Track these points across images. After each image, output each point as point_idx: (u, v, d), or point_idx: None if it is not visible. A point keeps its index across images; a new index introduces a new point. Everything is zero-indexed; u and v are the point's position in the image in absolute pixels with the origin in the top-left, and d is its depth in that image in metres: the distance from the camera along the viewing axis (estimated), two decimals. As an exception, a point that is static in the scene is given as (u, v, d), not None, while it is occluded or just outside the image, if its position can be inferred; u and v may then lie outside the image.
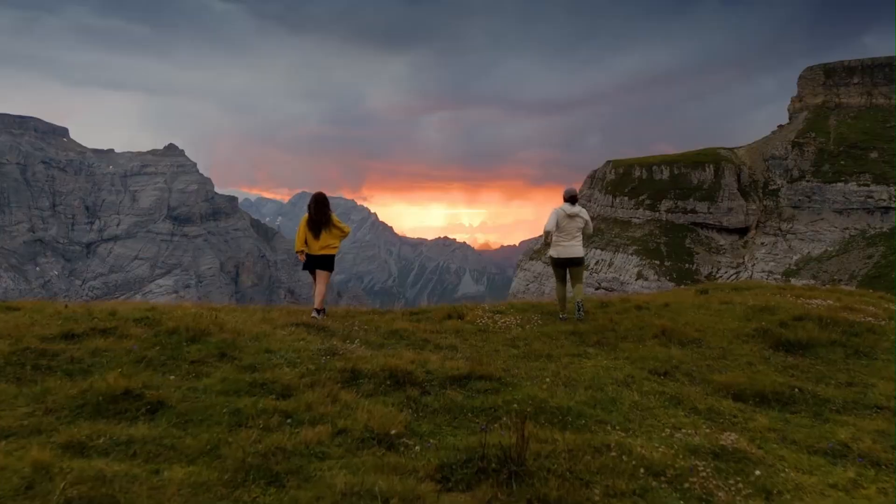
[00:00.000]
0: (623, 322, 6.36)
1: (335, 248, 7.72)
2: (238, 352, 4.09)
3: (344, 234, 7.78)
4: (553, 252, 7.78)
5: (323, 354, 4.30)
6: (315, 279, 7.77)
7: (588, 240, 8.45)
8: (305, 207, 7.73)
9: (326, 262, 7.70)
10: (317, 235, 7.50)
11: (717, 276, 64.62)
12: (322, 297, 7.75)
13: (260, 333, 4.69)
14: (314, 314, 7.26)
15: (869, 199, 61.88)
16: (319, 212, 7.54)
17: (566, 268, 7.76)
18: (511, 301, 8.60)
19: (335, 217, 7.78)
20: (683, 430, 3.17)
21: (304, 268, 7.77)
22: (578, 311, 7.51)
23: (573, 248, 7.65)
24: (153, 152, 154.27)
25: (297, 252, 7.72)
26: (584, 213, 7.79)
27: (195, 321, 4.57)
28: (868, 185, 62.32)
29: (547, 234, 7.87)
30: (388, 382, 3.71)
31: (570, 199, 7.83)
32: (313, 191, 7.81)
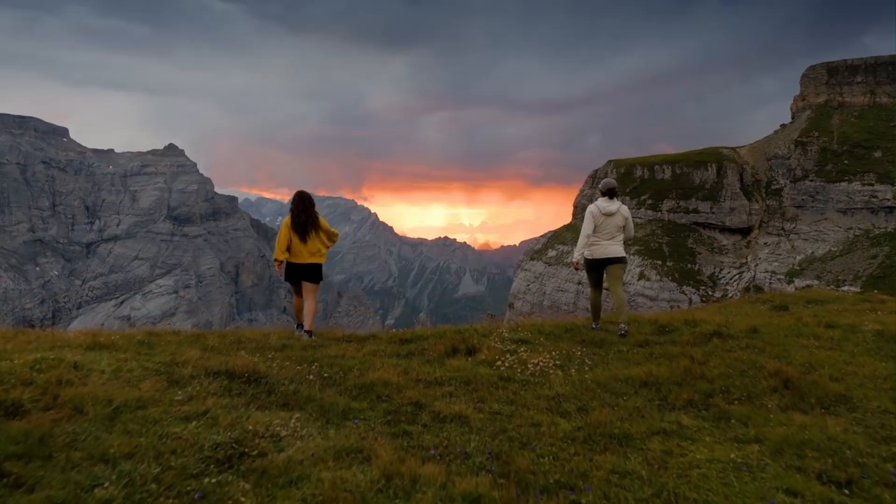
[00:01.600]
0: (712, 362, 4.33)
1: (323, 255, 6.67)
2: (40, 465, 2.01)
3: (332, 241, 6.72)
4: (587, 252, 6.52)
5: (216, 462, 2.24)
6: (297, 292, 6.66)
7: (628, 243, 7.15)
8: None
9: (315, 273, 6.60)
10: (304, 239, 6.38)
11: (720, 276, 63.46)
12: (313, 317, 6.58)
13: (122, 405, 2.63)
14: (303, 334, 5.97)
15: (873, 199, 60.67)
16: (307, 211, 6.43)
17: (602, 270, 6.55)
18: (536, 321, 6.52)
19: (323, 220, 6.68)
20: None
21: (287, 279, 6.64)
22: (622, 330, 5.98)
23: (612, 247, 6.41)
24: (153, 152, 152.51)
25: (275, 261, 6.55)
26: (625, 210, 6.56)
27: (14, 382, 2.55)
28: (872, 185, 61.11)
29: (587, 237, 6.50)
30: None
31: (608, 192, 6.55)
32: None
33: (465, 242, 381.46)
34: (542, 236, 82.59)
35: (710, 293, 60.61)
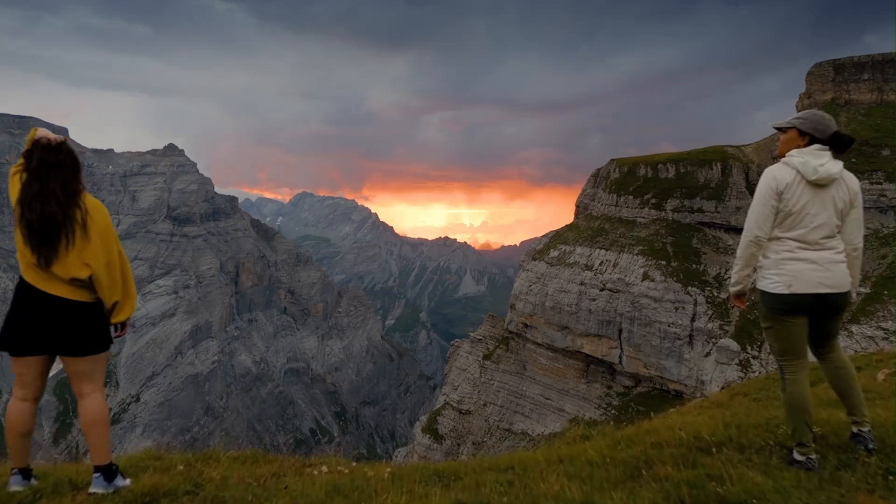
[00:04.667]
0: None
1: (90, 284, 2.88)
2: None
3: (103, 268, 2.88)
4: (778, 282, 3.22)
5: None
6: (26, 381, 2.90)
7: (858, 261, 3.00)
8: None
9: (81, 326, 2.90)
10: (47, 254, 2.79)
11: (726, 277, 62.78)
12: (106, 436, 2.99)
13: None
14: (15, 482, 2.85)
15: (882, 198, 59.86)
16: (44, 198, 2.77)
17: (812, 321, 3.21)
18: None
19: (93, 207, 2.95)
20: None
21: (7, 341, 2.82)
22: (861, 441, 3.11)
23: (831, 266, 3.12)
24: (153, 152, 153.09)
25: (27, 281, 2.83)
26: (854, 183, 3.34)
27: None
28: (880, 184, 60.32)
29: (756, 240, 3.31)
30: None
31: (832, 140, 3.25)
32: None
33: (465, 242, 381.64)
34: (543, 236, 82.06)
35: (716, 294, 59.85)
